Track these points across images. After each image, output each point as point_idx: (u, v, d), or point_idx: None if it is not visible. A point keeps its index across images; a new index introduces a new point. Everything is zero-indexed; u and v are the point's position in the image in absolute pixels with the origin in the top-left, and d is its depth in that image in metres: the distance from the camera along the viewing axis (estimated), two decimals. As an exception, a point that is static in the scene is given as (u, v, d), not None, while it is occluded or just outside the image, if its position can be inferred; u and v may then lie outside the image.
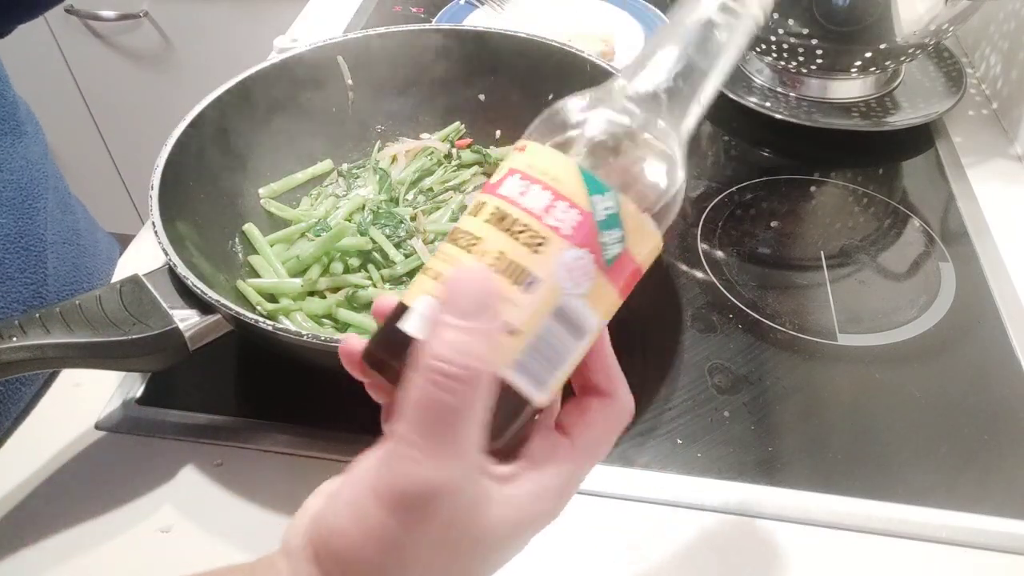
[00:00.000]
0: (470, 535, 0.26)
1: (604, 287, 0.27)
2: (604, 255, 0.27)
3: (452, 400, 0.24)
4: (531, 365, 0.27)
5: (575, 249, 0.27)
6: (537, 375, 0.27)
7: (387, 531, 0.24)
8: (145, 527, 0.44)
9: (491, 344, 0.25)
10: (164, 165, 0.50)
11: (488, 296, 0.25)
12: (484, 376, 0.25)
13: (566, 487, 0.28)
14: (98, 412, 0.50)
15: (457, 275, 0.26)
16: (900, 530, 0.43)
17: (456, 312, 0.24)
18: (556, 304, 0.27)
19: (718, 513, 0.44)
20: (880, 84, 0.74)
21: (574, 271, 0.27)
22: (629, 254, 0.28)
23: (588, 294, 0.27)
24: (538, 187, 0.27)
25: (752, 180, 0.67)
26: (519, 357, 0.26)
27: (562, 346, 0.27)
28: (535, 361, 0.27)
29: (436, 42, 0.63)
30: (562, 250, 0.26)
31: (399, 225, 0.57)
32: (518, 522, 0.27)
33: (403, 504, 0.24)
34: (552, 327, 0.27)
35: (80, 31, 1.40)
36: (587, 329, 0.28)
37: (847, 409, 0.50)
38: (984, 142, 0.71)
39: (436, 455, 0.24)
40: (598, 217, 0.27)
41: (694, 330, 0.54)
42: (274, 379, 0.52)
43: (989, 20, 0.77)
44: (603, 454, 0.30)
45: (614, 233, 0.27)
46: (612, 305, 0.28)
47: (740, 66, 0.78)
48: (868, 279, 0.59)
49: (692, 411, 0.49)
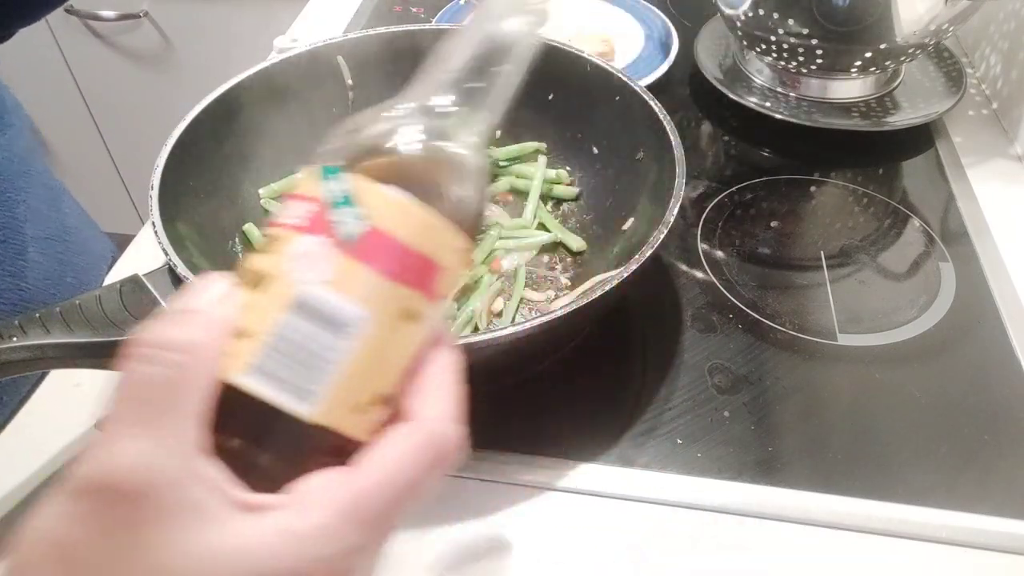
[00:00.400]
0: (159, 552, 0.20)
1: (353, 269, 0.25)
2: (340, 234, 0.25)
3: (161, 385, 0.22)
4: (273, 367, 0.24)
5: (306, 236, 0.25)
6: (287, 379, 0.24)
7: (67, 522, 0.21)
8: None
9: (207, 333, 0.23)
10: (164, 165, 0.50)
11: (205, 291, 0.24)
12: (194, 365, 0.22)
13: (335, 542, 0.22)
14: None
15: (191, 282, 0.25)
16: (900, 530, 0.43)
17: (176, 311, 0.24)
18: (292, 296, 0.24)
19: (718, 513, 0.44)
20: (880, 84, 0.74)
21: (307, 257, 0.25)
22: (378, 230, 0.25)
23: (332, 280, 0.25)
24: (290, 201, 0.27)
25: (752, 180, 0.67)
26: (253, 360, 0.24)
27: (315, 344, 0.24)
28: (278, 363, 0.24)
29: (436, 42, 0.63)
30: (292, 241, 0.25)
31: (399, 225, 0.57)
32: (239, 564, 0.21)
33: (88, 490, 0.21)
34: (294, 322, 0.24)
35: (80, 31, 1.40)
36: (346, 321, 0.25)
37: (847, 409, 0.50)
38: (984, 142, 0.71)
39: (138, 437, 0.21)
40: (329, 200, 0.26)
41: (694, 330, 0.54)
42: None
43: (989, 20, 0.77)
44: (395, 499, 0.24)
45: (349, 211, 0.25)
46: (378, 291, 0.25)
47: (740, 66, 0.78)
48: (868, 279, 0.59)
49: (692, 411, 0.49)
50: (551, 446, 0.47)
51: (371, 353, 0.25)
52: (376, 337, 0.25)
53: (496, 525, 0.44)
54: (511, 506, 0.45)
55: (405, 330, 0.26)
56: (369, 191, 0.26)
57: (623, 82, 0.57)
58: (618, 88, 0.58)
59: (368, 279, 0.25)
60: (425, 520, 0.44)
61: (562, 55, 0.61)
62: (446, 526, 0.44)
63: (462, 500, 0.45)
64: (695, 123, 0.75)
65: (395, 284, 0.26)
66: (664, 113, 0.53)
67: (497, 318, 0.54)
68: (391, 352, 0.26)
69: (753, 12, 0.67)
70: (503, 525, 0.44)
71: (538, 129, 0.64)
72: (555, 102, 0.63)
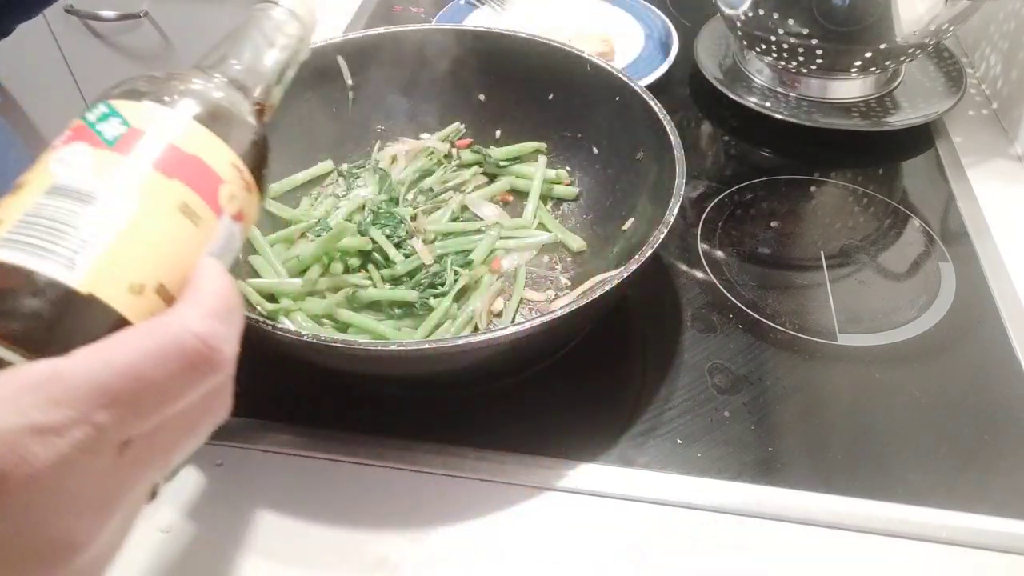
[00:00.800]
0: None
1: (114, 159, 0.28)
2: (103, 138, 0.29)
3: None
4: (29, 239, 0.25)
5: (67, 146, 0.29)
6: (45, 248, 0.25)
7: None
8: (145, 527, 0.44)
9: None
10: (164, 165, 0.50)
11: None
12: None
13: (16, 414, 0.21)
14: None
15: None
16: (900, 530, 0.43)
17: None
18: (49, 184, 0.27)
19: (718, 513, 0.44)
20: (880, 84, 0.74)
21: (67, 158, 0.28)
22: (137, 129, 0.29)
23: (93, 168, 0.28)
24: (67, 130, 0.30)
25: (752, 180, 0.67)
26: (5, 235, 0.25)
27: (76, 218, 0.26)
28: (31, 235, 0.25)
29: (436, 42, 0.63)
30: (52, 152, 0.28)
31: (399, 225, 0.57)
32: None
33: None
34: (50, 202, 0.27)
35: (80, 31, 1.40)
36: (104, 198, 0.27)
37: (847, 409, 0.50)
38: (984, 142, 0.71)
39: None
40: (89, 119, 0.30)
41: (694, 330, 0.54)
42: (274, 379, 0.52)
43: (989, 20, 0.77)
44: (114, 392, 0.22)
45: (111, 122, 0.29)
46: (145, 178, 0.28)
47: (740, 66, 0.78)
48: (868, 279, 0.59)
49: (692, 411, 0.49)
50: (551, 446, 0.47)
51: (141, 234, 0.27)
52: (145, 220, 0.28)
53: (496, 525, 0.44)
54: (511, 506, 0.45)
55: (181, 224, 0.29)
56: (131, 107, 0.30)
57: (623, 82, 0.57)
58: (618, 88, 0.58)
59: (132, 167, 0.28)
60: (425, 520, 0.44)
61: (562, 55, 0.61)
62: (446, 526, 0.44)
63: (462, 500, 0.45)
64: (695, 123, 0.75)
65: (163, 176, 0.29)
66: (664, 113, 0.53)
67: (497, 318, 0.54)
68: (166, 241, 0.28)
69: (753, 12, 0.67)
70: (503, 525, 0.44)
71: (538, 129, 0.64)
72: (555, 102, 0.63)
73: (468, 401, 0.50)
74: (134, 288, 0.26)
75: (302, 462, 0.47)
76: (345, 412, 0.49)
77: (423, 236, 0.58)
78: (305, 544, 0.43)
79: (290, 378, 0.51)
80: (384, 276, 0.55)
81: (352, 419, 0.49)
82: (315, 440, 0.48)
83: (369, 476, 0.46)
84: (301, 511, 0.44)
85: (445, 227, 0.59)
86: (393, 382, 0.51)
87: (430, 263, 0.55)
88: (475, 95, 0.66)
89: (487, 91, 0.65)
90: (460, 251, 0.57)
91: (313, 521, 0.44)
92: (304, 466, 0.46)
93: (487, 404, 0.50)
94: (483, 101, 0.66)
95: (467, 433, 0.48)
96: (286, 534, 0.43)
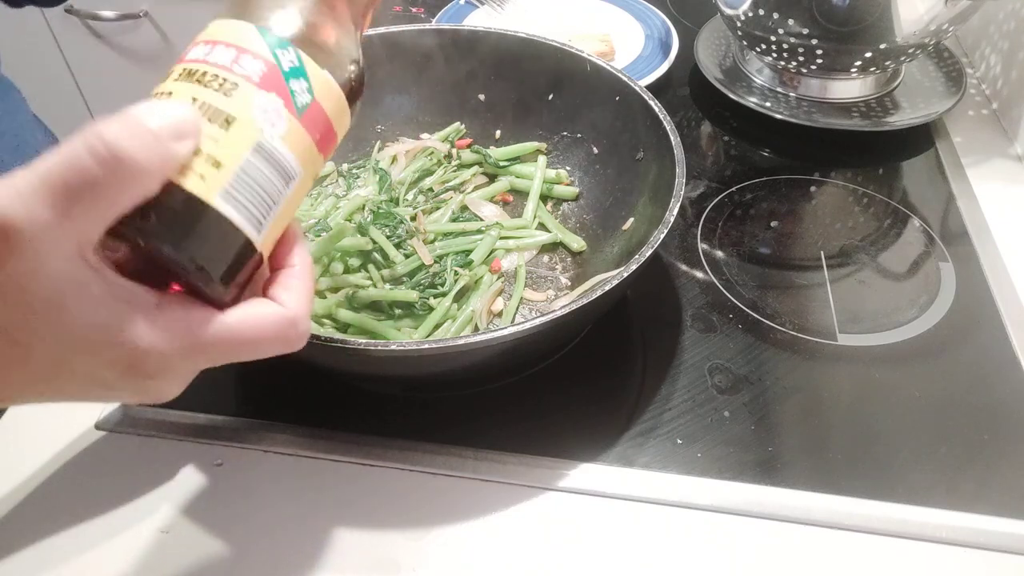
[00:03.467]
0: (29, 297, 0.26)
1: (299, 133, 0.31)
2: (295, 102, 0.31)
3: (93, 168, 0.25)
4: (240, 196, 0.29)
5: (266, 93, 0.30)
6: (249, 210, 0.30)
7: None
8: (145, 527, 0.44)
9: (162, 151, 0.26)
10: (164, 165, 0.50)
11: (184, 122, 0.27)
12: (136, 169, 0.26)
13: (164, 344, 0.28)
14: (98, 412, 0.50)
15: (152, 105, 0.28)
16: (900, 530, 0.43)
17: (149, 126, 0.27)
18: (255, 140, 0.30)
19: (718, 513, 0.44)
20: (880, 84, 0.74)
21: (268, 112, 0.30)
22: (319, 106, 0.32)
23: (285, 136, 0.31)
24: (221, 46, 0.31)
25: (752, 180, 0.67)
26: (227, 187, 0.29)
27: (270, 185, 0.30)
28: (243, 194, 0.29)
29: (436, 42, 0.63)
30: (254, 93, 0.30)
31: (399, 225, 0.57)
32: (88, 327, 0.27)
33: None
34: (255, 162, 0.30)
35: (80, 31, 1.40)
36: (290, 173, 0.31)
37: (847, 409, 0.50)
38: (984, 142, 0.71)
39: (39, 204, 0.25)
40: (283, 68, 0.31)
41: (694, 330, 0.54)
42: (274, 379, 0.52)
43: (989, 20, 0.77)
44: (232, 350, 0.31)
45: (300, 83, 0.31)
46: (310, 154, 0.32)
47: (740, 66, 0.78)
48: (868, 279, 0.59)
49: (692, 411, 0.49)
50: (551, 446, 0.47)
51: (294, 204, 0.32)
52: (300, 191, 0.32)
53: (496, 525, 0.44)
54: (511, 506, 0.45)
55: (308, 189, 0.33)
56: (312, 68, 0.32)
57: (623, 82, 0.57)
58: (618, 88, 0.58)
59: (306, 143, 0.32)
60: (425, 520, 0.44)
61: (562, 55, 0.61)
62: (446, 526, 0.44)
63: (462, 500, 0.45)
64: (695, 123, 0.75)
65: (318, 151, 0.33)
66: (664, 113, 0.53)
67: (497, 318, 0.54)
68: (298, 205, 0.33)
69: (753, 12, 0.67)
70: (503, 525, 0.44)
71: (538, 129, 0.65)
72: (555, 102, 0.63)
73: (468, 401, 0.50)
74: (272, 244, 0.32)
75: (302, 462, 0.47)
76: (345, 412, 0.49)
77: (423, 236, 0.58)
78: (305, 544, 0.43)
79: (290, 378, 0.51)
80: (384, 276, 0.55)
81: (352, 419, 0.49)
82: (315, 440, 0.48)
83: (369, 476, 0.46)
84: (301, 511, 0.44)
85: (445, 227, 0.59)
86: (393, 382, 0.51)
87: (430, 263, 0.55)
88: (475, 95, 0.66)
89: (487, 91, 0.65)
90: (460, 251, 0.57)
91: (313, 521, 0.44)
92: (304, 466, 0.46)
93: (487, 404, 0.50)
94: (483, 101, 0.66)
95: (467, 433, 0.48)
96: (286, 534, 0.43)
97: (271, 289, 0.32)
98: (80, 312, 0.27)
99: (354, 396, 0.50)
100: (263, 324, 0.31)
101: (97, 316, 0.27)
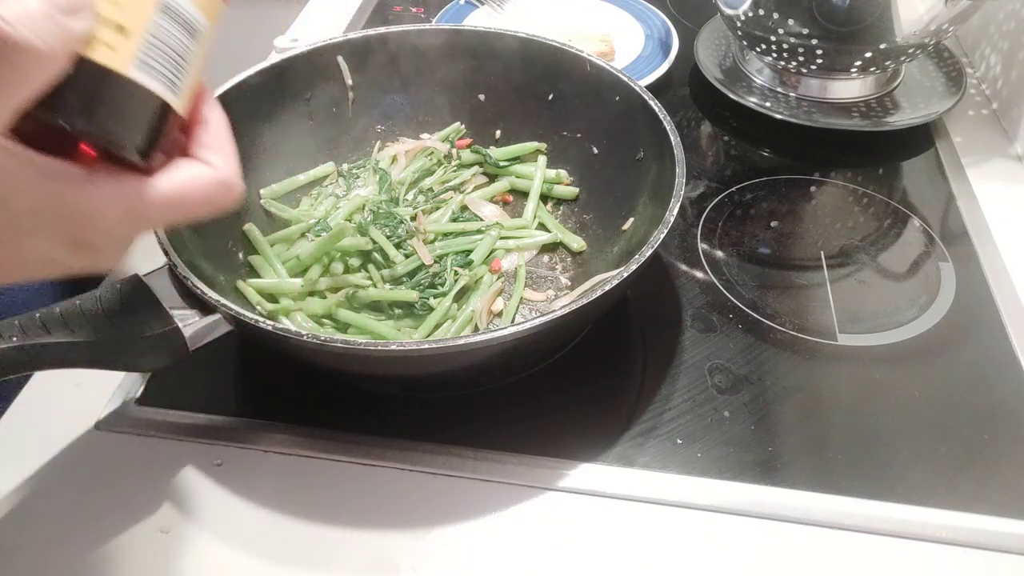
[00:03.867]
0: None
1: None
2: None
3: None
4: (153, 62, 0.29)
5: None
6: (164, 74, 0.29)
7: None
8: (145, 527, 0.44)
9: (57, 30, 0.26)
10: (164, 165, 0.50)
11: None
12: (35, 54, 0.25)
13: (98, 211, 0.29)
14: (98, 412, 0.50)
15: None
16: (900, 530, 0.43)
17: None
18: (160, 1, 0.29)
19: (718, 513, 0.44)
20: (880, 84, 0.74)
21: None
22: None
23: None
24: None
25: (752, 180, 0.67)
26: (139, 55, 0.29)
27: (179, 44, 0.30)
28: (156, 58, 0.29)
29: (436, 42, 0.63)
30: None
31: (399, 225, 0.57)
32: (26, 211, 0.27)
33: None
34: (161, 23, 0.29)
35: (80, 31, 1.40)
36: (196, 26, 0.31)
37: (847, 409, 0.50)
38: (984, 142, 0.71)
39: None
40: None
41: (694, 330, 0.54)
42: (274, 379, 0.52)
43: (989, 20, 0.77)
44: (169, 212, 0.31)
45: None
46: (215, 7, 0.32)
47: (740, 66, 0.78)
48: (868, 279, 0.59)
49: (692, 411, 0.49)
50: (551, 446, 0.47)
51: (202, 57, 0.32)
52: (206, 43, 0.32)
53: (496, 525, 0.44)
54: (511, 506, 0.45)
55: (214, 39, 0.33)
56: None
57: (623, 82, 0.57)
58: (618, 88, 0.58)
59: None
60: (425, 520, 0.44)
61: (562, 55, 0.61)
62: (446, 526, 0.44)
63: (462, 500, 0.45)
64: (695, 123, 0.75)
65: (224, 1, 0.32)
66: (664, 113, 0.53)
67: (497, 318, 0.54)
68: (204, 57, 0.32)
69: (753, 12, 0.67)
70: (503, 525, 0.44)
71: (538, 129, 0.64)
72: (555, 102, 0.63)
73: (468, 401, 0.50)
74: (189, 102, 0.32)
75: (302, 462, 0.47)
76: (345, 412, 0.49)
77: (423, 236, 0.58)
78: (305, 544, 0.43)
79: (290, 378, 0.51)
80: (384, 276, 0.55)
81: (352, 419, 0.49)
82: (315, 440, 0.48)
83: (369, 476, 0.46)
84: (301, 511, 0.44)
85: (445, 227, 0.59)
86: (393, 382, 0.51)
87: (430, 263, 0.55)
88: (475, 95, 0.66)
89: (487, 91, 0.65)
90: (460, 251, 0.57)
91: (313, 521, 0.44)
92: (304, 466, 0.46)
93: (487, 404, 0.50)
94: (483, 101, 0.66)
95: (467, 433, 0.48)
96: (286, 534, 0.43)
97: (195, 150, 0.32)
98: (15, 198, 0.27)
99: (354, 396, 0.50)
100: (195, 186, 0.31)
101: (33, 199, 0.27)
